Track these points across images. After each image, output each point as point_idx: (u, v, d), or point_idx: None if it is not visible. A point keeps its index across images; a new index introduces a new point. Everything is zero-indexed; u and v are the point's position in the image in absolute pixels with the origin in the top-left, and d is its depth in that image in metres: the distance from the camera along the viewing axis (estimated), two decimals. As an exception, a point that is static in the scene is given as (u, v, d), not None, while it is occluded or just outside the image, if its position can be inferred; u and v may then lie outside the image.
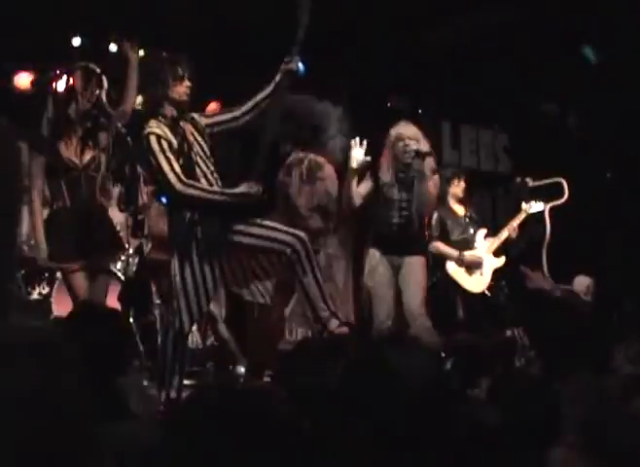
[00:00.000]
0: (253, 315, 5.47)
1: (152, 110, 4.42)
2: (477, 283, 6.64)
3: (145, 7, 6.64)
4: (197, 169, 4.35)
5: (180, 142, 4.32)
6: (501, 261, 6.77)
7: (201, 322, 4.59)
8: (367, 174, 5.60)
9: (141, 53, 5.11)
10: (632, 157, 8.47)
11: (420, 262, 5.67)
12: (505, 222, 6.98)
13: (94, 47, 6.75)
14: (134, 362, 5.32)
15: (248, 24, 7.13)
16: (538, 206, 6.93)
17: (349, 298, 8.22)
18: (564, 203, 7.15)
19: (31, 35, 6.54)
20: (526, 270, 7.02)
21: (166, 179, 4.23)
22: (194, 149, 4.37)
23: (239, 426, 1.47)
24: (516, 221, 6.90)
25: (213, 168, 4.44)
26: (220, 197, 4.33)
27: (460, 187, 6.78)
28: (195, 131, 4.45)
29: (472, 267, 6.62)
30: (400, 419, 1.80)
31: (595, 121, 8.90)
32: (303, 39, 4.36)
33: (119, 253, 5.70)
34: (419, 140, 5.51)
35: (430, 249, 6.21)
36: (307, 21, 4.32)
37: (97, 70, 4.92)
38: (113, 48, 6.73)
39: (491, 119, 9.52)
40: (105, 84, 4.88)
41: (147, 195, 6.23)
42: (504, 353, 5.09)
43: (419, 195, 5.53)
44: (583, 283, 7.22)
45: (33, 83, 6.88)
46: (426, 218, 5.84)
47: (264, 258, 4.37)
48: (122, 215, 5.85)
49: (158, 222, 6.12)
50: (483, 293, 6.67)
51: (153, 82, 4.42)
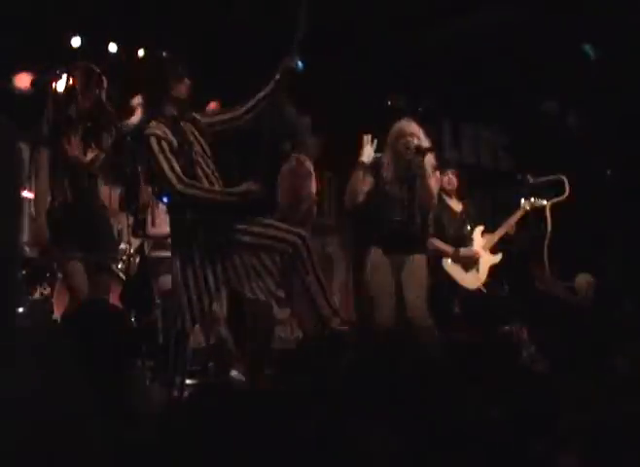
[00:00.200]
0: (252, 314, 5.45)
1: (152, 110, 4.43)
2: (472, 280, 6.63)
3: (145, 7, 6.64)
4: (198, 169, 4.35)
5: (180, 142, 4.32)
6: (497, 258, 6.76)
7: (203, 321, 4.58)
8: (369, 172, 5.60)
9: (141, 52, 5.12)
10: (632, 155, 8.47)
11: (422, 260, 5.67)
12: (505, 219, 6.97)
13: (94, 47, 6.76)
14: (137, 361, 5.31)
15: (247, 23, 7.14)
16: (536, 203, 6.92)
17: (350, 296, 8.23)
18: (565, 201, 7.14)
19: (31, 35, 6.54)
20: (536, 271, 7.01)
21: (167, 179, 4.23)
22: (194, 149, 4.38)
23: (239, 425, 1.47)
24: (514, 218, 6.90)
25: (214, 168, 4.44)
26: (221, 196, 4.33)
27: (450, 182, 6.73)
28: (196, 131, 4.45)
29: (468, 263, 6.61)
30: (401, 417, 1.81)
31: (595, 119, 8.90)
32: (303, 38, 4.36)
33: (117, 253, 5.69)
34: (420, 137, 5.51)
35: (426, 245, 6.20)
36: (307, 20, 4.32)
37: (97, 70, 4.92)
38: (113, 48, 6.73)
39: (492, 117, 9.52)
40: (105, 83, 4.88)
41: (148, 194, 6.22)
42: (505, 350, 5.09)
43: (421, 192, 5.52)
44: (584, 281, 7.21)
45: (33, 83, 6.87)
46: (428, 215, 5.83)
47: (265, 256, 4.37)
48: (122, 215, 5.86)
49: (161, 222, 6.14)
50: (479, 289, 6.66)
51: (153, 81, 4.43)
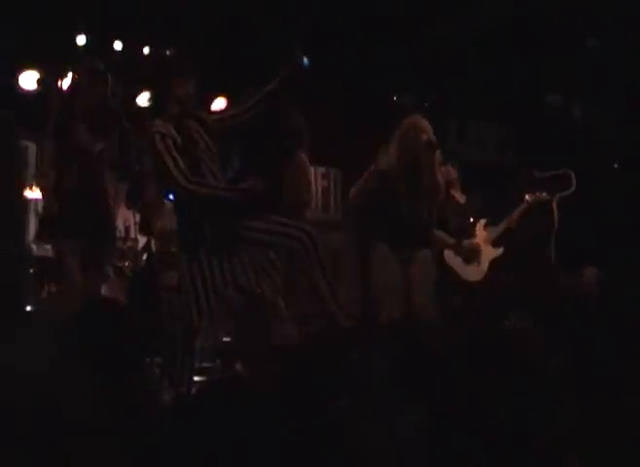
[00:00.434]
0: (257, 311, 5.45)
1: (156, 108, 4.43)
2: (474, 272, 6.61)
3: (150, 4, 6.64)
4: (203, 166, 4.35)
5: (185, 140, 4.32)
6: (499, 251, 6.74)
7: (211, 318, 4.59)
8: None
9: (146, 50, 5.13)
10: (638, 148, 8.44)
11: (429, 255, 5.66)
12: (509, 213, 6.96)
13: (99, 45, 6.76)
14: (145, 359, 5.32)
15: (252, 20, 7.13)
16: (541, 198, 6.89)
17: (357, 291, 8.22)
18: (572, 194, 7.12)
19: (36, 34, 6.55)
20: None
21: (172, 177, 4.24)
22: (199, 146, 4.38)
23: (246, 422, 1.48)
24: (518, 212, 6.88)
25: (218, 165, 4.44)
26: (226, 193, 4.33)
27: (449, 173, 6.67)
28: (201, 128, 4.45)
29: (469, 256, 6.60)
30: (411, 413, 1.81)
31: (601, 112, 8.87)
32: (308, 33, 4.36)
33: (113, 244, 5.67)
34: (430, 135, 5.49)
35: None
36: (311, 15, 4.32)
37: (102, 68, 4.93)
38: (118, 46, 6.73)
39: (497, 111, 9.50)
40: (110, 81, 4.89)
41: (154, 192, 6.23)
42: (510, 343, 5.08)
43: (428, 187, 5.51)
44: (591, 274, 7.19)
45: (39, 81, 6.89)
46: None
47: (272, 252, 4.37)
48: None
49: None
50: (480, 282, 6.65)
51: (156, 80, 4.43)
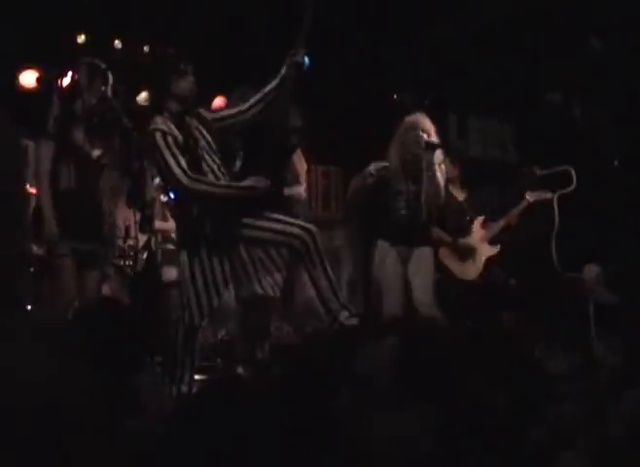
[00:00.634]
0: (257, 310, 5.45)
1: (156, 106, 4.42)
2: (468, 270, 6.61)
3: (151, 2, 6.64)
4: (204, 164, 4.35)
5: (186, 137, 4.32)
6: (496, 249, 6.73)
7: (212, 316, 4.59)
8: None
9: (147, 48, 5.12)
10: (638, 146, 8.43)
11: (429, 253, 5.67)
12: (509, 211, 6.96)
13: (100, 43, 6.76)
14: (146, 358, 5.32)
15: (253, 17, 7.12)
16: (541, 195, 6.88)
17: (359, 289, 8.22)
18: (572, 192, 7.12)
19: (36, 32, 6.54)
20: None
21: (173, 174, 4.23)
22: (199, 144, 4.37)
23: (248, 421, 1.47)
24: (517, 210, 6.88)
25: (220, 163, 4.43)
26: (227, 190, 4.32)
27: (448, 171, 6.63)
28: (202, 126, 4.45)
29: (464, 253, 6.59)
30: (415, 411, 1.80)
31: (602, 110, 8.87)
32: (309, 31, 4.34)
33: (110, 248, 5.67)
34: (432, 134, 5.48)
35: None
36: (313, 14, 4.30)
37: (102, 66, 4.92)
38: (118, 44, 6.73)
39: (498, 108, 9.49)
40: (110, 79, 4.89)
41: (154, 190, 6.23)
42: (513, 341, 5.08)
43: (429, 186, 5.51)
44: (592, 271, 7.18)
45: (38, 80, 6.88)
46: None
47: (273, 250, 4.37)
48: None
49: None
50: (475, 280, 6.65)
51: (155, 78, 4.42)
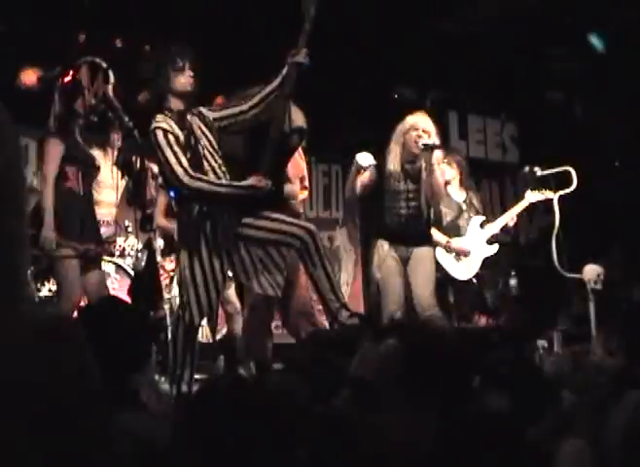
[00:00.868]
0: (258, 310, 5.45)
1: (157, 104, 4.41)
2: (464, 270, 6.62)
3: (150, 2, 6.64)
4: (205, 163, 4.34)
5: (187, 136, 4.31)
6: (493, 249, 6.74)
7: (212, 315, 4.58)
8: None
9: (148, 47, 5.12)
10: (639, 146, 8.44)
11: (429, 253, 5.67)
12: (508, 210, 6.97)
13: (101, 42, 6.75)
14: (151, 358, 5.33)
15: (254, 17, 7.12)
16: (541, 195, 6.88)
17: (359, 289, 8.22)
18: (572, 192, 7.12)
19: (37, 31, 6.54)
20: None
21: (174, 173, 4.22)
22: (201, 142, 4.36)
23: (249, 419, 1.47)
24: (517, 209, 6.88)
25: (221, 162, 4.43)
26: (228, 189, 4.32)
27: (447, 171, 6.61)
28: (203, 125, 4.44)
29: (460, 254, 6.60)
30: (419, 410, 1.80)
31: (603, 110, 8.87)
32: (311, 31, 4.34)
33: (109, 249, 5.69)
34: (432, 135, 5.48)
35: None
36: (314, 13, 4.30)
37: (104, 65, 4.92)
38: (119, 43, 6.73)
39: (498, 108, 9.50)
40: (111, 78, 4.89)
41: (155, 189, 6.23)
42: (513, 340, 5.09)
43: (428, 186, 5.51)
44: (592, 271, 7.18)
45: (39, 79, 6.88)
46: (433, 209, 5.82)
47: (273, 250, 4.36)
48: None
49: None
50: (471, 280, 6.66)
51: (154, 76, 4.40)
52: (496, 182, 9.70)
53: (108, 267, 6.05)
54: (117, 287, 6.13)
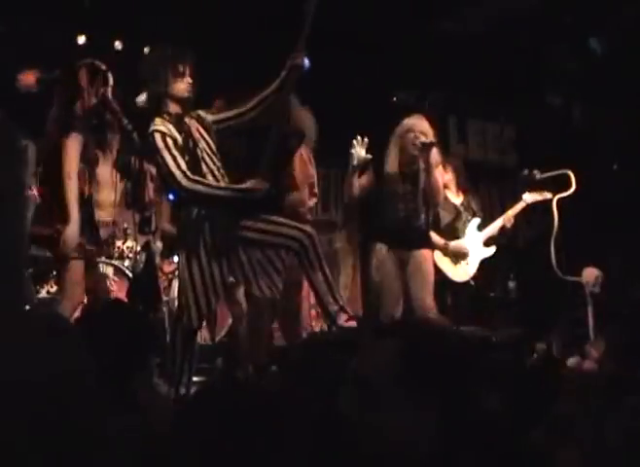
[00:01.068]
0: (257, 312, 5.44)
1: (155, 107, 4.42)
2: (461, 273, 6.62)
3: (150, 4, 6.64)
4: (204, 166, 4.34)
5: (185, 139, 4.31)
6: (490, 251, 6.74)
7: (210, 318, 4.58)
8: (369, 167, 5.59)
9: (147, 50, 5.12)
10: (638, 148, 8.44)
11: (427, 255, 5.67)
12: (505, 212, 6.97)
13: (100, 44, 6.76)
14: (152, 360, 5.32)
15: (253, 20, 7.12)
16: (538, 197, 6.88)
17: (357, 292, 8.22)
18: (571, 195, 7.13)
19: (36, 32, 6.54)
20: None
21: (172, 176, 4.22)
22: (199, 145, 4.37)
23: (247, 422, 1.47)
24: (514, 211, 6.89)
25: (220, 164, 4.43)
26: (227, 192, 4.32)
27: (445, 173, 6.59)
28: (201, 128, 4.44)
29: (457, 256, 6.60)
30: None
31: (601, 113, 8.87)
32: (309, 34, 4.34)
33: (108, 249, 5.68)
34: (430, 136, 5.48)
35: None
36: (314, 16, 4.30)
37: (103, 67, 4.92)
38: (118, 45, 6.73)
39: (498, 112, 9.50)
40: (111, 80, 4.88)
41: (154, 191, 6.22)
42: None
43: (427, 188, 5.51)
44: (591, 274, 7.18)
45: (38, 81, 6.87)
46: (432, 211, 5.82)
47: (272, 253, 4.36)
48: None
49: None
50: (468, 282, 6.66)
51: (153, 79, 4.40)
52: (495, 185, 9.69)
53: (107, 268, 6.04)
54: (115, 289, 6.12)
